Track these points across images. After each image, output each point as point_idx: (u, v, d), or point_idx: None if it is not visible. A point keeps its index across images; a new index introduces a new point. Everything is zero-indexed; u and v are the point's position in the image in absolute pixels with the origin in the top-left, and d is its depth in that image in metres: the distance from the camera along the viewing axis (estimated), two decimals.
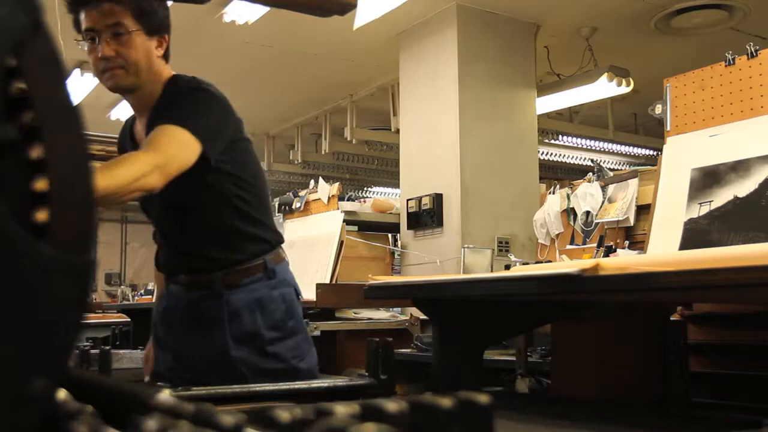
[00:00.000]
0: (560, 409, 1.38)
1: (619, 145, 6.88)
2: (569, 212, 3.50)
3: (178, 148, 1.60)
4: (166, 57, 1.81)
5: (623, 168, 6.58)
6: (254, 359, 1.76)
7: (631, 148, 7.00)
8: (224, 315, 1.77)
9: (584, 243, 3.39)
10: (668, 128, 2.39)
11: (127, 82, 1.73)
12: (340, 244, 4.07)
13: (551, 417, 1.23)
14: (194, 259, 1.82)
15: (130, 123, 1.95)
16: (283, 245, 1.92)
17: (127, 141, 1.93)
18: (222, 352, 1.76)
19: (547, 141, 6.24)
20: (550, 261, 3.43)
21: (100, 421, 0.45)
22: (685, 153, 2.24)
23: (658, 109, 2.42)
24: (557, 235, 3.59)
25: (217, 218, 1.79)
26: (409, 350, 3.26)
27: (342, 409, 0.43)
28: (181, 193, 1.69)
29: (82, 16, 1.70)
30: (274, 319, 1.81)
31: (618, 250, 2.98)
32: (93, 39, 1.70)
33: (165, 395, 0.48)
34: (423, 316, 3.53)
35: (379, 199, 5.58)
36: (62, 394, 0.48)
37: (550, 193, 3.74)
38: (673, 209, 2.16)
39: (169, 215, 1.85)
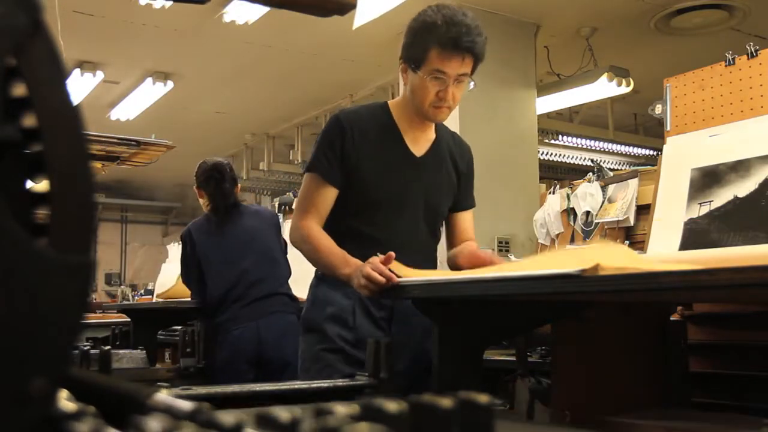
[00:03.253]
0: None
1: (619, 145, 6.87)
2: (569, 212, 3.50)
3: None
4: None
5: (623, 168, 6.58)
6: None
7: (631, 148, 6.99)
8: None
9: (584, 243, 3.39)
10: (668, 128, 2.39)
11: (445, 119, 1.97)
12: None
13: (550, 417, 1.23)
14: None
15: (379, 119, 1.98)
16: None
17: (379, 136, 1.95)
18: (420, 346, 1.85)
19: (547, 141, 6.23)
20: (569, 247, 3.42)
21: (101, 421, 0.45)
22: (685, 153, 2.23)
23: (658, 109, 2.42)
24: (557, 235, 3.59)
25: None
26: None
27: (342, 409, 0.43)
28: (437, 225, 2.10)
29: (436, 54, 1.83)
30: None
31: None
32: (438, 78, 1.85)
33: (165, 395, 0.48)
34: None
35: None
36: (63, 394, 0.49)
37: (550, 193, 3.74)
38: (673, 209, 2.16)
39: (414, 233, 1.98)
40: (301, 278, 1.97)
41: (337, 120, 1.96)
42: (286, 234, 4.65)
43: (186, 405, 0.46)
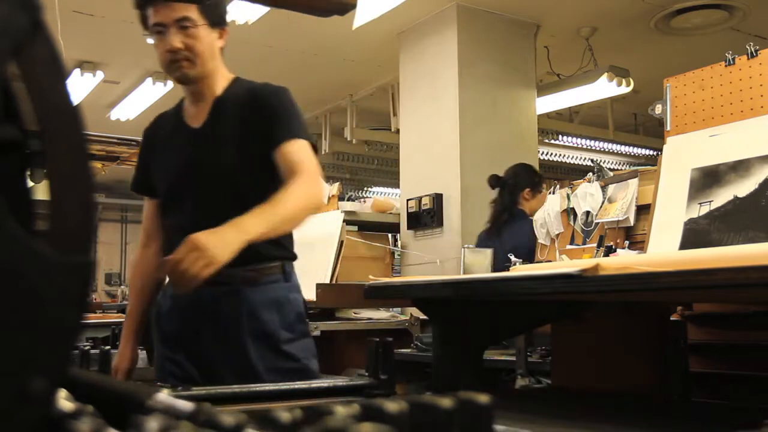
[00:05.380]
0: (560, 408, 1.38)
1: (619, 145, 6.88)
2: (569, 212, 3.50)
3: (315, 162, 1.79)
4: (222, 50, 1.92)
5: (623, 168, 6.58)
6: (270, 357, 1.78)
7: (631, 148, 6.99)
8: (243, 312, 1.79)
9: (584, 243, 3.39)
10: (668, 128, 2.38)
11: (192, 73, 1.83)
12: (340, 244, 4.07)
13: (551, 417, 1.23)
14: None
15: (174, 112, 1.99)
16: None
17: (169, 126, 1.96)
18: (240, 350, 1.77)
19: (547, 141, 6.24)
20: (551, 261, 3.43)
21: (101, 421, 0.45)
22: (685, 153, 2.23)
23: (658, 109, 2.42)
24: (557, 235, 3.59)
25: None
26: (409, 350, 3.26)
27: (342, 409, 0.43)
28: (239, 187, 1.81)
29: (150, 11, 1.80)
30: (289, 320, 1.83)
31: (618, 250, 2.98)
32: (160, 33, 1.80)
33: (165, 395, 0.48)
34: (423, 316, 3.53)
35: (379, 199, 5.58)
36: (63, 394, 0.49)
37: (550, 193, 3.74)
38: (673, 209, 2.16)
39: (206, 206, 1.82)
40: (300, 278, 1.96)
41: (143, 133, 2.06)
42: None
43: (186, 405, 0.46)
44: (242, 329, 1.78)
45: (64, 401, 0.47)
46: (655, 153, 6.73)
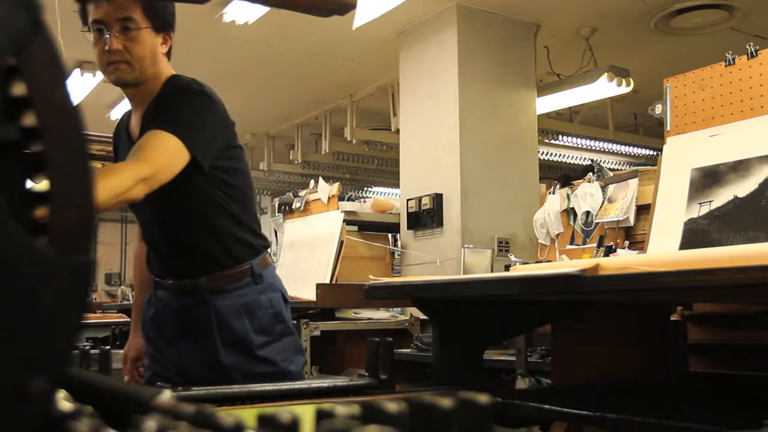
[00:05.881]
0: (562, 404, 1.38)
1: (619, 145, 6.88)
2: (569, 212, 3.50)
3: (166, 158, 1.60)
4: (168, 55, 1.81)
5: (623, 168, 6.58)
6: (245, 364, 1.76)
7: (631, 148, 6.99)
8: (212, 321, 1.77)
9: (584, 243, 3.39)
10: (668, 128, 2.38)
11: (130, 77, 1.72)
12: (340, 244, 4.07)
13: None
14: (181, 262, 1.82)
15: (126, 118, 1.94)
16: (269, 249, 1.93)
17: (122, 136, 1.92)
18: (212, 358, 1.76)
19: (547, 141, 6.24)
20: (550, 261, 3.43)
21: (100, 421, 0.45)
22: (685, 153, 2.23)
23: (658, 109, 2.42)
24: (557, 235, 3.59)
25: (205, 221, 1.78)
26: (409, 350, 3.26)
27: (342, 409, 0.43)
28: (170, 196, 1.66)
29: (91, 6, 1.70)
30: (262, 324, 1.81)
31: (618, 250, 2.98)
32: (100, 30, 1.69)
33: (165, 396, 0.48)
34: (423, 316, 3.54)
35: (379, 199, 5.58)
36: (63, 394, 0.49)
37: (550, 193, 3.74)
38: (673, 209, 2.16)
39: (156, 217, 1.84)
40: (300, 278, 1.97)
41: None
42: (286, 234, 4.65)
43: (186, 405, 0.46)
44: (213, 338, 1.76)
45: (64, 401, 0.47)
46: (655, 153, 6.73)
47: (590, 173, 3.49)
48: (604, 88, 5.25)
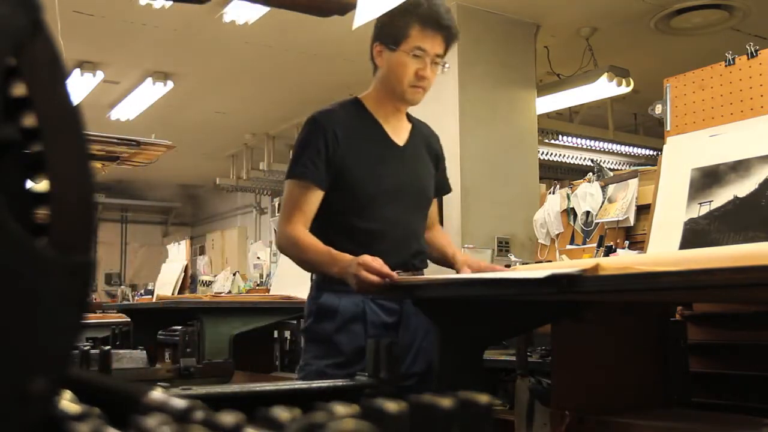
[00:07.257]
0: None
1: (619, 145, 6.87)
2: (569, 212, 3.50)
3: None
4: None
5: (623, 168, 6.58)
6: None
7: (631, 148, 6.98)
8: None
9: (584, 243, 3.39)
10: (668, 128, 2.39)
11: (420, 101, 2.02)
12: None
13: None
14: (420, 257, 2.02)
15: (354, 114, 2.01)
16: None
17: (363, 130, 1.99)
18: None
19: (547, 141, 6.23)
20: (551, 261, 3.43)
21: (100, 421, 0.45)
22: (685, 153, 2.23)
23: (658, 109, 2.42)
24: (557, 235, 3.59)
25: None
26: None
27: (342, 409, 0.43)
28: (427, 207, 2.10)
29: (417, 31, 1.89)
30: None
31: (618, 250, 2.98)
32: (418, 56, 1.90)
33: (165, 395, 0.48)
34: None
35: None
36: (66, 394, 0.49)
37: (550, 193, 3.74)
38: (673, 209, 2.16)
39: (405, 220, 1.97)
40: (300, 278, 1.97)
41: (315, 122, 1.92)
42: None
43: (186, 405, 0.46)
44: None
45: (65, 402, 0.47)
46: (655, 153, 6.73)
47: (590, 173, 3.49)
48: (604, 88, 5.25)
